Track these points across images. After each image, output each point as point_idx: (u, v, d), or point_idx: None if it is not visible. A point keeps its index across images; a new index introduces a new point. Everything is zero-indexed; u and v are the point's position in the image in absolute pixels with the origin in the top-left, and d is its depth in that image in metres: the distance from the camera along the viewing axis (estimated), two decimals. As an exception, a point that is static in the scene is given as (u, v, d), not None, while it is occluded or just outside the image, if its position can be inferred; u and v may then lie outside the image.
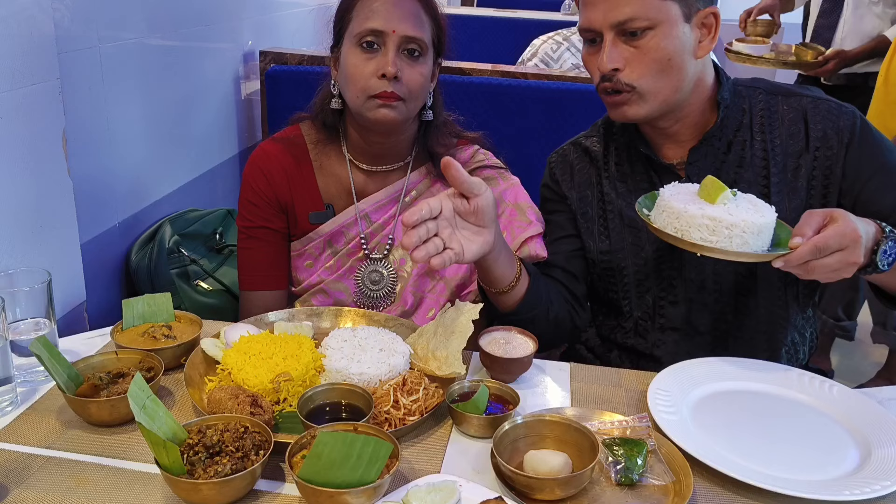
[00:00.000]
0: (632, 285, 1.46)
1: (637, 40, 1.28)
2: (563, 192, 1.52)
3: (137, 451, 1.07)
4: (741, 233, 1.15)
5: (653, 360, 1.47)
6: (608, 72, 1.30)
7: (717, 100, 1.38)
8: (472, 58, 2.38)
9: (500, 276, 1.34)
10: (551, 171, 1.55)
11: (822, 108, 1.37)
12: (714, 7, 1.32)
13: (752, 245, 1.16)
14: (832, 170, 1.35)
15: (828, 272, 1.13)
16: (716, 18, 1.32)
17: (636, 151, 1.44)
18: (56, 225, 1.46)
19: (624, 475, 1.02)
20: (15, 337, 1.21)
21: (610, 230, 1.47)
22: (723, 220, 1.15)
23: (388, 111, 1.40)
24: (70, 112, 1.50)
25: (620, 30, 1.28)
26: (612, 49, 1.29)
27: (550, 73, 2.24)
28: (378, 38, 1.39)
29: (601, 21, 1.28)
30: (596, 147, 1.51)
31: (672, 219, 1.19)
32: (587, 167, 1.51)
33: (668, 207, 1.20)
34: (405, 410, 1.12)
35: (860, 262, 1.13)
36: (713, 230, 1.16)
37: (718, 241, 1.16)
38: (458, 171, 1.20)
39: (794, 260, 1.12)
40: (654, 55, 1.28)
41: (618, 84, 1.30)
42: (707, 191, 1.20)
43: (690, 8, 1.29)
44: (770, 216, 1.19)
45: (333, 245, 1.56)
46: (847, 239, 1.11)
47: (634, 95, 1.31)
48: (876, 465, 1.05)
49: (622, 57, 1.29)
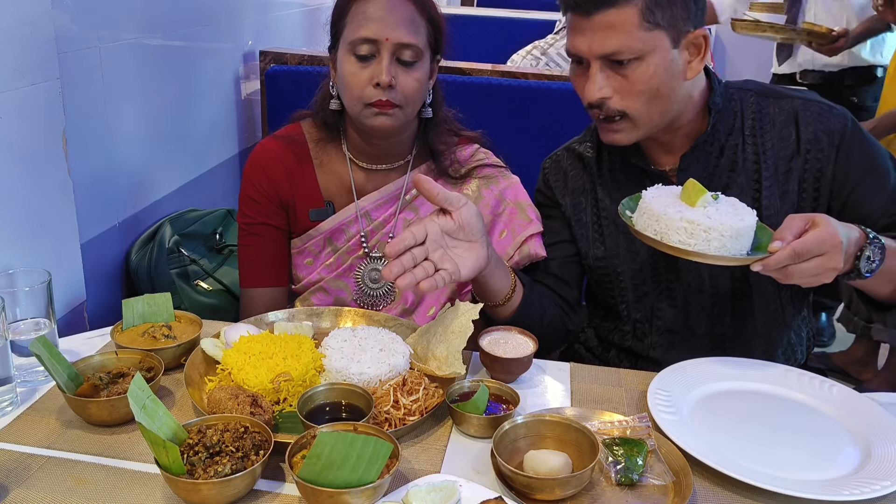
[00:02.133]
0: (629, 290, 1.46)
1: (624, 69, 1.26)
2: (557, 198, 1.52)
3: (137, 451, 1.07)
4: (719, 236, 1.15)
5: (651, 361, 1.47)
6: (596, 100, 1.29)
7: (709, 105, 1.37)
8: (472, 58, 2.38)
9: (496, 289, 1.35)
10: (545, 177, 1.55)
11: (812, 110, 1.36)
12: (703, 29, 1.30)
13: (730, 248, 1.16)
14: (823, 172, 1.35)
15: (807, 277, 1.12)
16: (705, 40, 1.30)
17: (629, 158, 1.44)
18: (56, 225, 1.46)
19: (624, 475, 1.02)
20: (15, 337, 1.21)
21: (605, 236, 1.47)
22: (700, 223, 1.15)
23: (384, 119, 1.40)
24: (70, 112, 1.50)
25: (607, 60, 1.26)
26: (600, 77, 1.27)
27: (550, 73, 2.24)
28: (372, 46, 1.38)
29: (587, 50, 1.27)
30: (589, 153, 1.51)
31: (652, 221, 1.19)
32: (581, 173, 1.51)
33: (648, 210, 1.20)
34: (405, 410, 1.12)
35: (840, 267, 1.12)
36: (691, 233, 1.16)
37: (696, 244, 1.15)
38: (431, 186, 1.20)
39: (772, 264, 1.11)
40: (642, 85, 1.26)
41: (608, 111, 1.29)
42: (688, 194, 1.20)
43: (679, 32, 1.26)
44: (749, 220, 1.18)
45: (333, 243, 1.56)
46: (827, 244, 1.10)
47: (625, 122, 1.30)
48: (876, 465, 1.05)
49: (610, 86, 1.27)
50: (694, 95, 1.35)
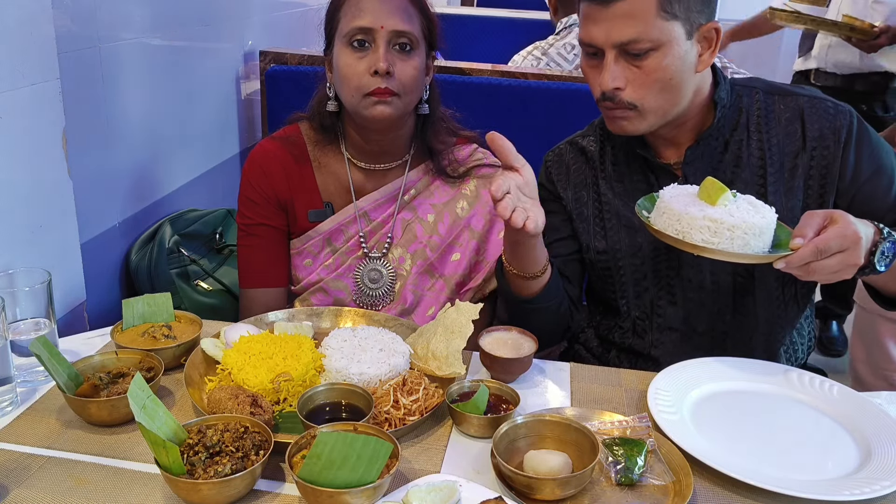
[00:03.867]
0: (629, 285, 1.46)
1: (640, 60, 1.26)
2: (559, 192, 1.52)
3: (137, 451, 1.07)
4: (742, 234, 1.15)
5: (651, 360, 1.47)
6: (610, 91, 1.29)
7: (714, 100, 1.37)
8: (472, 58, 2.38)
9: (538, 257, 1.34)
10: (547, 170, 1.55)
11: (818, 107, 1.37)
12: (715, 22, 1.31)
13: (754, 246, 1.16)
14: (829, 169, 1.35)
15: (828, 273, 1.13)
16: (717, 33, 1.30)
17: (633, 152, 1.44)
18: (56, 225, 1.46)
19: (624, 475, 1.02)
20: (15, 337, 1.21)
21: (606, 230, 1.47)
22: (724, 221, 1.15)
23: (383, 107, 1.40)
24: (70, 112, 1.50)
25: (623, 50, 1.26)
26: (615, 68, 1.27)
27: (551, 73, 2.24)
28: (367, 35, 1.40)
29: (603, 39, 1.27)
30: (592, 147, 1.51)
31: (673, 221, 1.19)
32: (583, 167, 1.51)
33: (668, 209, 1.20)
34: (405, 410, 1.12)
35: (860, 263, 1.13)
36: (715, 232, 1.16)
37: (720, 242, 1.15)
38: (504, 142, 1.22)
39: (795, 261, 1.11)
40: (657, 75, 1.27)
41: (620, 103, 1.30)
42: (707, 192, 1.20)
43: (692, 25, 1.27)
44: (770, 217, 1.19)
45: (332, 243, 1.56)
46: (848, 240, 1.11)
47: (635, 113, 1.30)
48: (876, 465, 1.05)
49: (624, 76, 1.28)
50: (702, 89, 1.36)
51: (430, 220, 1.56)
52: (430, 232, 1.55)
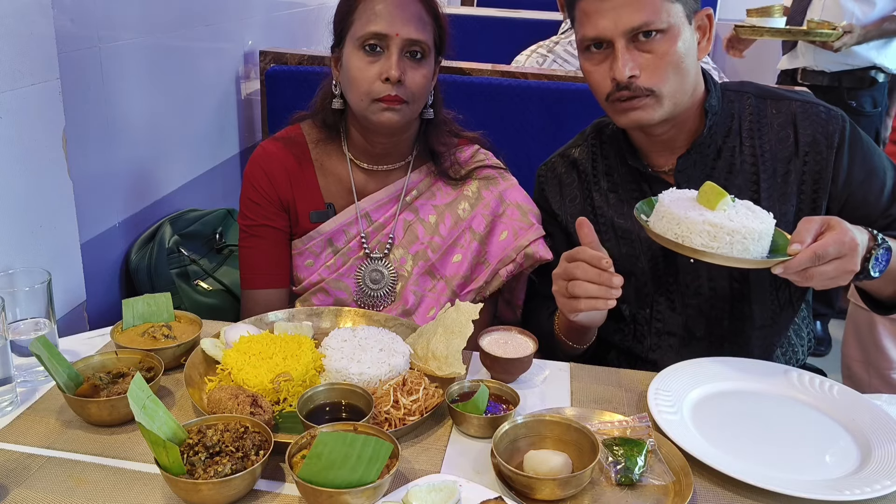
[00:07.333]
0: (630, 293, 1.46)
1: (650, 44, 1.26)
2: (554, 209, 1.52)
3: (137, 451, 1.07)
4: (742, 239, 1.15)
5: (649, 363, 1.47)
6: (625, 80, 1.28)
7: (706, 108, 1.37)
8: (472, 58, 2.38)
9: (590, 337, 1.39)
10: (541, 187, 1.56)
11: (810, 112, 1.37)
12: (707, 9, 1.33)
13: (753, 251, 1.16)
14: (821, 174, 1.35)
15: (825, 279, 1.13)
16: (709, 20, 1.32)
17: (625, 162, 1.44)
18: (56, 225, 1.46)
19: (624, 475, 1.02)
20: (15, 337, 1.21)
21: (603, 241, 1.46)
22: (724, 226, 1.15)
23: (392, 114, 1.40)
24: (70, 112, 1.50)
25: (633, 36, 1.26)
26: (627, 56, 1.27)
27: (551, 72, 2.24)
28: (381, 41, 1.39)
29: (613, 29, 1.26)
30: (584, 158, 1.51)
31: (672, 225, 1.19)
32: (576, 180, 1.51)
33: (667, 213, 1.20)
34: (405, 410, 1.12)
35: (857, 269, 1.13)
36: (714, 236, 1.15)
37: (719, 247, 1.15)
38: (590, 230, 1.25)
39: (793, 266, 1.11)
40: (669, 58, 1.27)
41: (637, 91, 1.28)
42: (707, 197, 1.20)
43: (691, 9, 1.29)
44: (769, 222, 1.18)
45: (334, 244, 1.56)
46: (846, 247, 1.11)
47: (652, 99, 1.29)
48: (876, 465, 1.05)
49: (637, 63, 1.27)
50: (697, 90, 1.36)
51: (431, 222, 1.56)
52: (431, 233, 1.55)
